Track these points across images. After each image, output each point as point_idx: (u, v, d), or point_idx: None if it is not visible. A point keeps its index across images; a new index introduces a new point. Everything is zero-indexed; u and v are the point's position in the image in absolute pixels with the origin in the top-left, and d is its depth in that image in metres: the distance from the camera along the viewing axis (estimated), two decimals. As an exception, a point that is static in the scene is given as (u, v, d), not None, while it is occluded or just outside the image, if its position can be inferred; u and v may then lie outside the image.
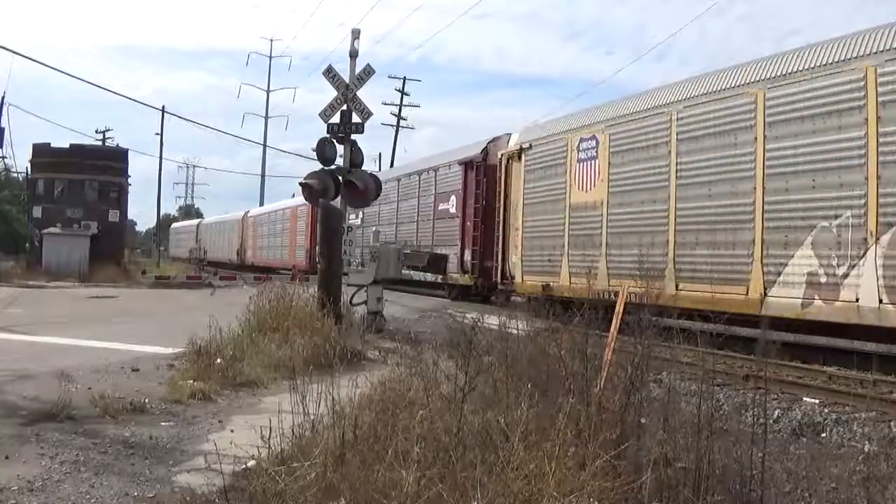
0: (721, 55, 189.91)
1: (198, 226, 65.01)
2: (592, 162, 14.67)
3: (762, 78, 11.08)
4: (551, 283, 15.36)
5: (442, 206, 22.46)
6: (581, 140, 15.08)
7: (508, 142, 18.71)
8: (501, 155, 18.61)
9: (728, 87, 11.73)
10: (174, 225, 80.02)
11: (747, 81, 11.34)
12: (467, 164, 20.97)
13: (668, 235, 12.48)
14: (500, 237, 18.39)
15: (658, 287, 11.27)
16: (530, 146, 17.00)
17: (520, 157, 17.35)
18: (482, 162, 20.17)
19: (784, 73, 10.74)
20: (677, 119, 12.49)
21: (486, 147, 20.23)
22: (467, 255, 20.49)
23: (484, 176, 20.02)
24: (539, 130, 17.29)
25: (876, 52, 9.47)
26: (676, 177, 12.42)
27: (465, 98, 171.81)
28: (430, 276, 21.47)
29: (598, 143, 14.54)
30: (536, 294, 15.55)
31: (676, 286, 12.15)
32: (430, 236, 23.21)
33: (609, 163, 14.10)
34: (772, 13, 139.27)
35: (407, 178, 25.91)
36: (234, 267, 45.00)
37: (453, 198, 21.73)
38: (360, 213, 27.05)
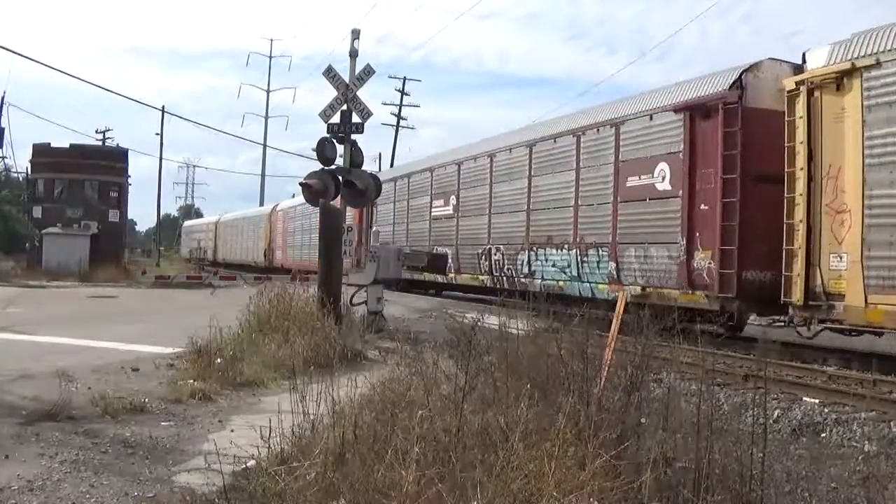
0: (722, 55, 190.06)
1: (217, 223, 57.15)
2: None
3: None
4: None
5: (633, 182, 13.83)
6: None
7: (805, 64, 11.01)
8: (797, 86, 10.70)
9: None
10: (187, 223, 75.03)
11: None
12: (696, 110, 12.52)
13: None
14: (800, 227, 10.54)
15: None
16: (877, 63, 9.57)
17: (840, 87, 10.09)
18: (735, 103, 11.78)
19: None
20: None
21: (741, 78, 11.85)
22: (701, 259, 12.23)
23: (741, 127, 11.69)
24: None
25: None
26: None
27: (467, 98, 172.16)
28: (601, 290, 14.46)
29: None
30: None
31: None
32: (606, 229, 14.48)
33: None
34: (773, 14, 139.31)
35: (550, 142, 16.71)
36: (261, 270, 37.75)
37: (662, 166, 13.13)
38: (453, 199, 21.07)
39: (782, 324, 11.79)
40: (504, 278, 18.19)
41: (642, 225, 13.63)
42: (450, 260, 20.60)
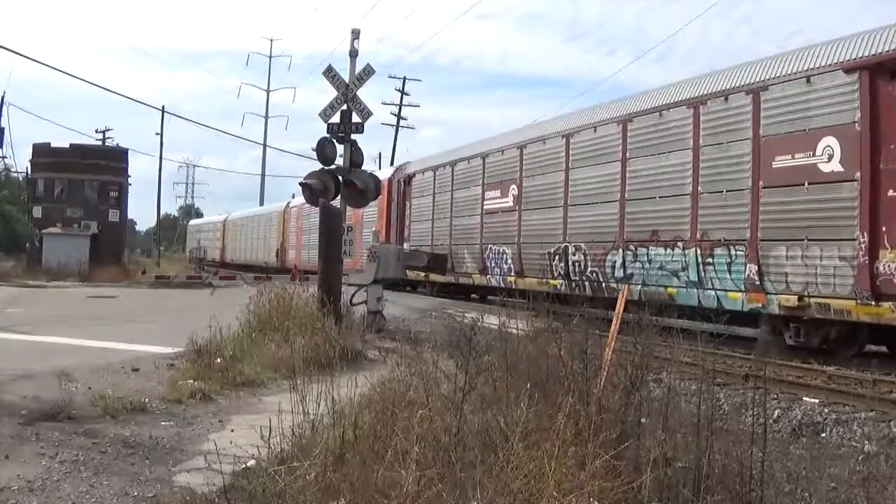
0: (723, 55, 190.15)
1: (224, 221, 54.60)
2: None
3: None
4: None
5: (783, 162, 10.87)
6: None
7: None
8: None
9: None
10: (193, 222, 73.39)
11: None
12: (879, 70, 9.86)
13: None
14: None
15: None
16: None
17: None
18: None
19: None
20: None
21: None
22: (891, 262, 9.58)
23: None
24: None
25: None
26: None
27: (467, 98, 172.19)
28: (733, 299, 11.63)
29: None
30: None
31: None
32: (741, 222, 11.56)
33: None
34: (773, 14, 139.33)
35: (653, 117, 13.59)
36: (274, 271, 34.43)
37: (829, 142, 10.31)
38: (514, 188, 17.81)
39: None
40: (586, 283, 14.96)
41: (798, 217, 10.69)
42: (509, 260, 17.97)
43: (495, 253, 18.75)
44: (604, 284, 14.44)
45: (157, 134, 45.75)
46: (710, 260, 12.13)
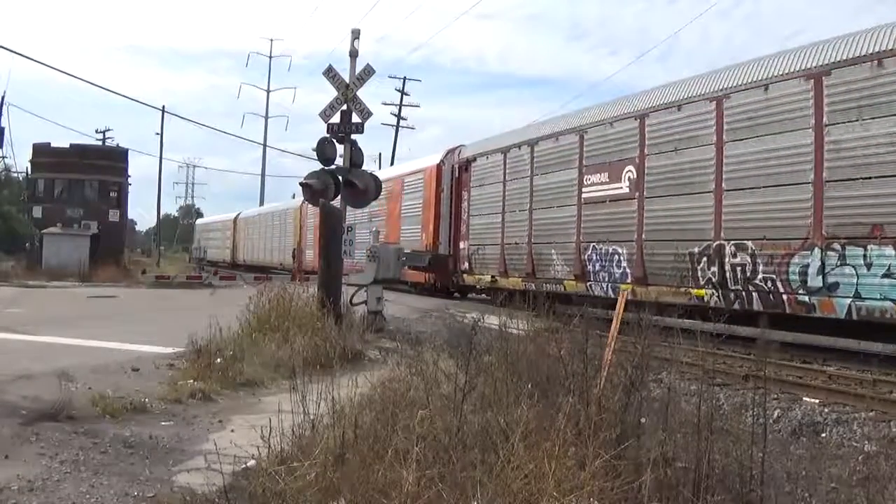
0: (723, 55, 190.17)
1: (235, 219, 51.50)
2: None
3: None
4: None
5: None
6: None
7: None
8: None
9: None
10: (201, 220, 71.65)
11: None
12: None
13: None
14: None
15: None
16: None
17: None
18: None
19: None
20: None
21: None
22: None
23: None
24: None
25: None
26: None
27: (468, 98, 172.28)
28: None
29: None
30: None
31: None
32: None
33: None
34: (773, 14, 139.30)
35: (865, 67, 9.96)
36: (290, 272, 32.28)
37: None
38: (630, 171, 13.99)
39: None
40: (754, 294, 11.39)
41: None
42: (624, 263, 14.08)
43: (601, 253, 14.83)
44: (786, 297, 10.86)
45: (158, 134, 45.78)
46: None
